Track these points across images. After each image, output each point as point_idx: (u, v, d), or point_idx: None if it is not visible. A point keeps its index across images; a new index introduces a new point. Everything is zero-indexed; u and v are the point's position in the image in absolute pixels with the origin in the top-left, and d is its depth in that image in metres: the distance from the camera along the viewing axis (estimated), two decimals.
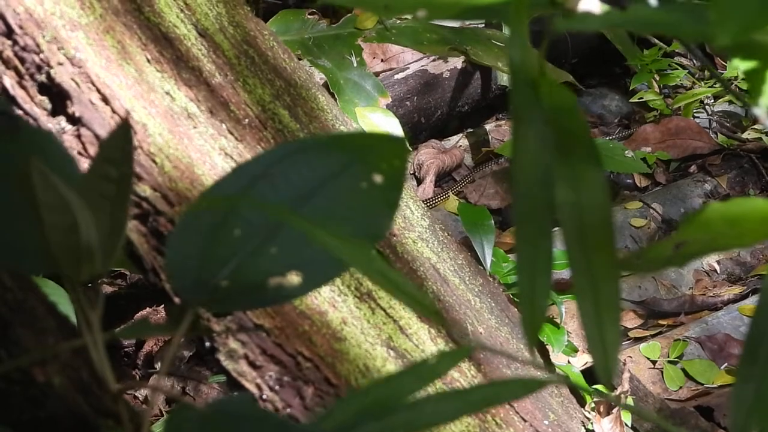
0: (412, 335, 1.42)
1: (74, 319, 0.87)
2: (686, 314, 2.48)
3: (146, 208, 1.21)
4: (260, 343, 1.23)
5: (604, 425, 1.87)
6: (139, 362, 2.34)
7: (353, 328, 1.32)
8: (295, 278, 0.74)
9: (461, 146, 3.12)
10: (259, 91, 1.44)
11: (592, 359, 0.67)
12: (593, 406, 1.87)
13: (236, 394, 1.15)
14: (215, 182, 0.78)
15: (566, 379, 1.93)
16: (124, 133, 0.71)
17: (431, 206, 2.83)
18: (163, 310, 2.28)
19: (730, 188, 2.93)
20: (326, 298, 1.31)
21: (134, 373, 2.31)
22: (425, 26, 2.81)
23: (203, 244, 0.75)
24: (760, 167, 2.99)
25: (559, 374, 1.95)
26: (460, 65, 3.10)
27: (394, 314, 1.40)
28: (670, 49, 3.24)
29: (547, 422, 1.63)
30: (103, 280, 0.76)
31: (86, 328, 0.72)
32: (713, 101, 3.23)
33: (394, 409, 0.64)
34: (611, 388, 1.94)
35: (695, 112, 3.19)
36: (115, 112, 1.22)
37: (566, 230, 0.64)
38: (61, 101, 1.21)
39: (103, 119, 1.21)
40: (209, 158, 1.28)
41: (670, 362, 2.27)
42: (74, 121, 1.21)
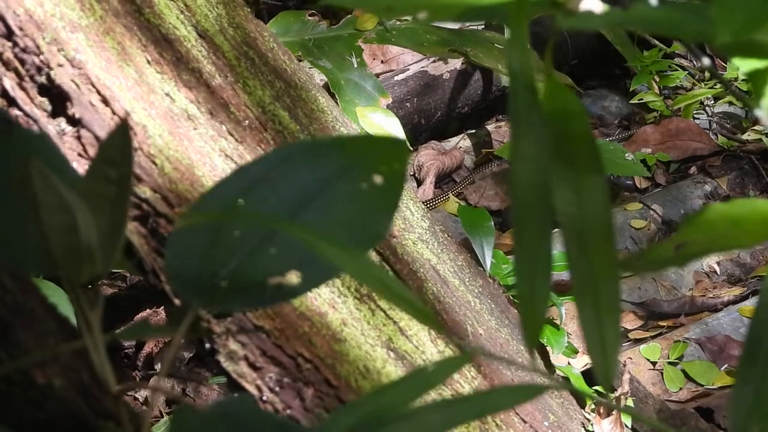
0: (412, 337, 1.42)
1: (74, 320, 0.87)
2: (686, 315, 2.48)
3: (146, 209, 1.21)
4: (260, 344, 1.23)
5: (604, 426, 1.87)
6: (139, 363, 2.34)
7: (353, 329, 1.32)
8: (294, 278, 0.74)
9: (461, 147, 3.12)
10: (259, 92, 1.44)
11: (591, 361, 0.67)
12: (593, 407, 1.87)
13: (237, 395, 1.15)
14: (216, 184, 0.78)
15: (566, 383, 1.93)
16: (123, 133, 0.71)
17: (431, 207, 2.83)
18: (163, 311, 2.28)
19: (730, 189, 2.93)
20: (326, 299, 1.31)
21: (134, 374, 2.31)
22: (425, 28, 2.81)
23: (203, 244, 0.75)
24: (760, 168, 2.99)
25: (559, 378, 1.95)
26: (460, 66, 3.10)
27: (394, 315, 1.40)
28: (670, 50, 3.24)
29: (547, 423, 1.63)
30: (102, 281, 0.75)
31: (86, 329, 0.72)
32: (713, 102, 3.23)
33: (395, 417, 0.64)
34: (611, 390, 1.94)
35: (695, 113, 3.19)
36: (115, 113, 1.22)
37: (566, 232, 0.64)
38: (61, 103, 1.21)
39: (103, 121, 1.21)
40: (209, 159, 1.28)
41: (670, 363, 2.27)
42: (74, 122, 1.21)
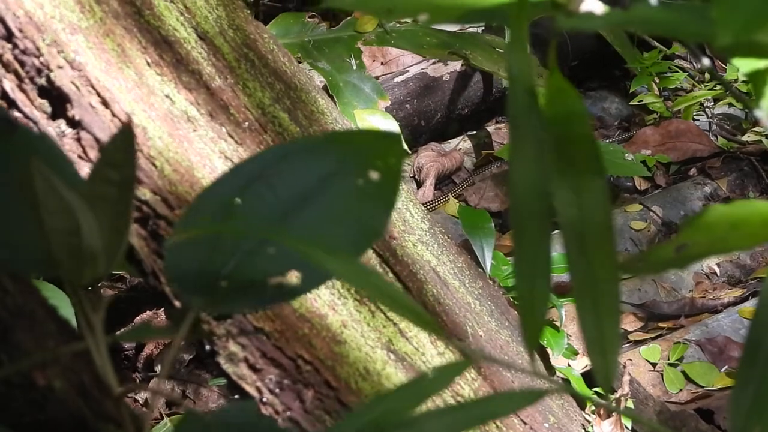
0: (412, 338, 1.42)
1: (75, 322, 0.87)
2: (686, 317, 2.48)
3: (146, 211, 1.21)
4: (260, 346, 1.23)
5: (604, 428, 1.87)
6: (139, 365, 2.34)
7: (353, 331, 1.32)
8: (294, 278, 0.74)
9: (461, 149, 3.12)
10: (258, 94, 1.44)
11: (591, 363, 0.67)
12: (593, 408, 1.87)
13: (239, 402, 1.15)
14: (212, 183, 0.77)
15: (567, 385, 1.93)
16: (126, 136, 0.70)
17: (431, 209, 2.83)
18: (163, 313, 2.28)
19: (730, 191, 2.93)
20: (326, 301, 1.31)
21: (134, 376, 2.31)
22: (425, 30, 2.81)
23: (202, 245, 0.75)
24: (760, 170, 2.99)
25: (559, 380, 1.95)
26: (460, 68, 3.10)
27: (394, 317, 1.40)
28: (670, 51, 3.24)
29: (547, 425, 1.63)
30: (102, 283, 0.75)
31: (89, 331, 0.72)
32: (713, 104, 3.23)
33: (398, 424, 0.64)
34: (611, 391, 1.94)
35: (695, 114, 3.19)
36: (115, 115, 1.22)
37: (566, 234, 0.64)
38: (61, 104, 1.21)
39: (103, 122, 1.21)
40: (209, 161, 1.28)
41: (670, 365, 2.27)
42: (74, 124, 1.21)
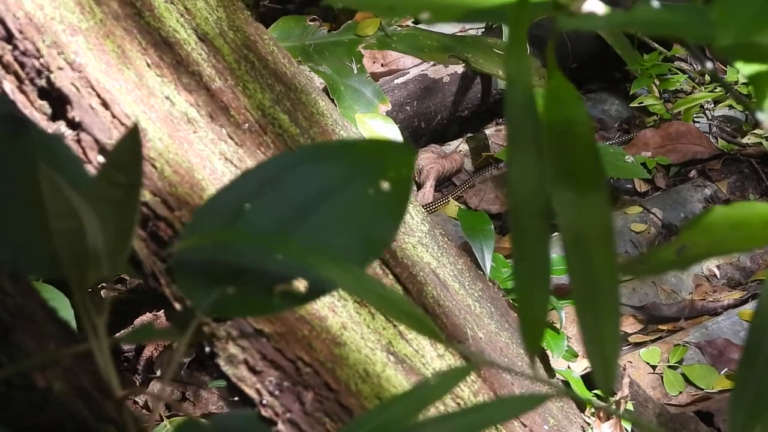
0: (412, 340, 1.42)
1: (74, 324, 0.87)
2: (686, 319, 2.48)
3: (146, 212, 1.20)
4: (260, 348, 1.22)
5: (604, 430, 1.86)
6: (139, 367, 2.33)
7: (353, 333, 1.32)
8: (300, 285, 0.74)
9: (461, 151, 3.12)
10: (259, 95, 1.44)
11: (591, 366, 0.67)
12: (593, 411, 1.87)
13: (238, 410, 1.15)
14: (223, 188, 0.77)
15: (567, 389, 1.93)
16: (133, 138, 0.70)
17: (431, 211, 2.83)
18: (163, 315, 2.27)
19: (730, 193, 2.93)
20: (326, 303, 1.31)
21: (134, 378, 2.31)
22: (426, 33, 2.81)
23: (210, 250, 0.75)
24: (760, 172, 2.99)
25: (559, 382, 1.95)
26: (460, 70, 3.10)
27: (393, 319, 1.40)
28: (670, 53, 3.24)
29: (547, 427, 1.63)
30: (102, 284, 0.75)
31: (92, 333, 0.71)
32: (713, 106, 3.23)
33: (401, 431, 0.64)
34: (611, 394, 1.94)
35: (695, 116, 3.19)
36: (115, 116, 1.22)
37: (566, 237, 0.64)
38: (61, 106, 1.21)
39: (103, 124, 1.21)
40: (209, 163, 1.28)
41: (670, 367, 2.27)
42: (74, 125, 1.21)
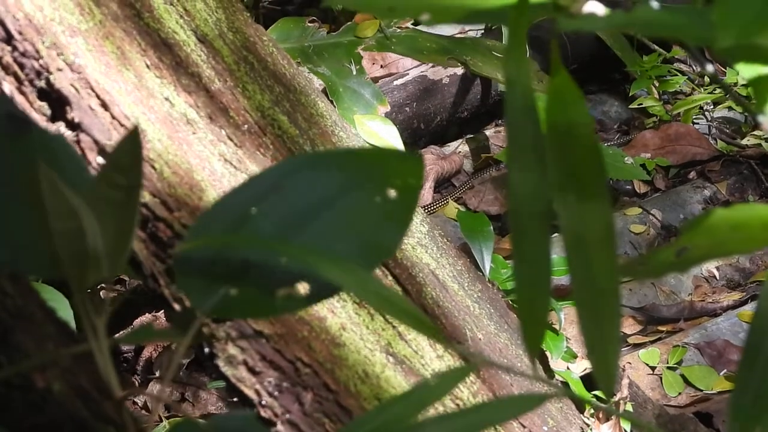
0: (411, 341, 1.42)
1: (73, 324, 0.87)
2: (685, 320, 2.48)
3: (145, 213, 1.20)
4: (259, 349, 1.22)
5: (603, 431, 1.86)
6: (138, 368, 2.33)
7: (352, 333, 1.32)
8: (302, 289, 0.74)
9: (460, 152, 3.12)
10: (258, 96, 1.44)
11: (592, 367, 0.67)
12: (592, 412, 1.87)
13: (237, 410, 1.15)
14: (228, 192, 0.77)
15: (566, 389, 1.93)
16: (133, 140, 0.70)
17: (430, 212, 2.83)
18: (162, 316, 2.27)
19: (729, 194, 2.93)
20: (325, 304, 1.31)
21: (133, 379, 2.31)
22: (425, 35, 2.81)
23: (213, 252, 0.75)
24: (759, 173, 2.99)
25: (558, 383, 1.95)
26: (459, 71, 3.10)
27: (393, 320, 1.40)
28: (669, 55, 3.24)
29: (546, 428, 1.63)
30: (102, 285, 0.75)
31: (92, 334, 0.71)
32: (713, 107, 3.23)
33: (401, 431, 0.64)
34: (610, 394, 1.94)
35: (695, 118, 3.19)
36: (114, 117, 1.22)
37: (567, 239, 0.64)
38: (60, 107, 1.21)
39: (102, 125, 1.21)
40: (208, 164, 1.28)
41: (669, 368, 2.27)
42: (73, 126, 1.21)
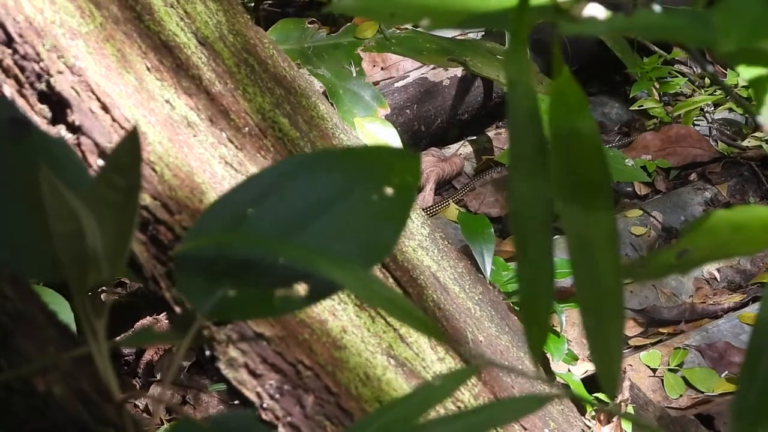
0: (412, 344, 1.42)
1: (74, 327, 0.87)
2: (686, 322, 2.48)
3: (146, 216, 1.20)
4: (260, 351, 1.22)
5: None
6: (139, 371, 2.33)
7: (353, 336, 1.32)
8: (300, 289, 0.74)
9: (461, 154, 3.12)
10: (259, 99, 1.44)
11: (596, 369, 0.67)
12: (593, 414, 1.87)
13: (238, 409, 1.15)
14: (226, 193, 0.77)
15: (569, 390, 1.93)
16: (132, 141, 0.70)
17: (431, 214, 2.83)
18: (163, 318, 2.27)
19: (730, 196, 2.93)
20: (326, 306, 1.31)
21: (134, 381, 2.31)
22: (425, 36, 2.81)
23: (211, 253, 0.75)
24: (760, 175, 2.99)
25: (559, 385, 1.95)
26: (460, 73, 3.10)
27: (394, 323, 1.40)
28: (670, 56, 3.24)
29: (547, 430, 1.63)
30: (102, 288, 0.75)
31: (91, 336, 0.71)
32: (713, 109, 3.23)
33: None
34: (614, 397, 1.94)
35: (695, 119, 3.19)
36: (115, 120, 1.22)
37: (571, 242, 0.64)
38: (61, 110, 1.21)
39: (103, 128, 1.21)
40: (209, 166, 1.28)
41: (670, 370, 2.27)
42: (74, 129, 1.21)
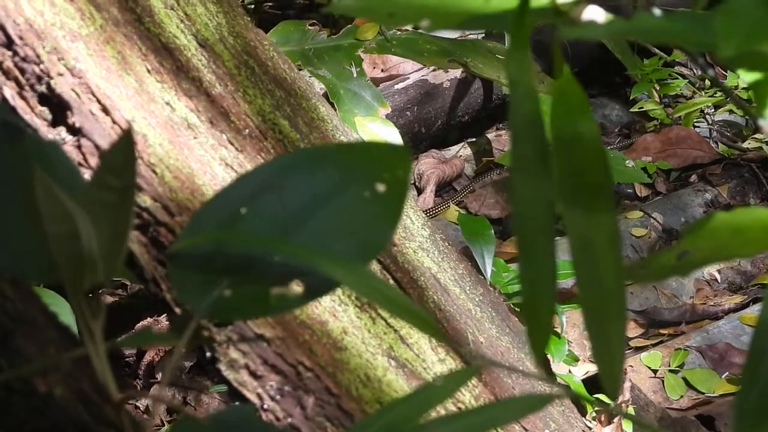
0: (412, 345, 1.42)
1: (75, 328, 0.87)
2: (687, 323, 2.48)
3: (147, 218, 1.20)
4: (261, 352, 1.22)
5: None
6: (140, 372, 2.33)
7: (354, 337, 1.32)
8: (297, 288, 0.74)
9: (462, 156, 3.12)
10: (259, 101, 1.44)
11: (598, 370, 0.67)
12: (594, 415, 1.87)
13: (238, 405, 1.15)
14: (220, 191, 0.77)
15: (568, 390, 1.93)
16: (126, 142, 0.71)
17: (432, 216, 2.83)
18: (163, 320, 2.27)
19: (730, 198, 2.93)
20: (327, 307, 1.31)
21: (135, 383, 2.31)
22: (425, 37, 2.81)
23: (207, 253, 0.75)
24: (760, 176, 2.99)
25: (561, 386, 1.95)
26: (460, 75, 3.10)
27: (394, 324, 1.40)
28: (670, 58, 3.24)
29: (548, 431, 1.63)
30: (103, 289, 0.75)
31: (89, 337, 0.72)
32: (714, 111, 3.23)
33: None
34: (616, 397, 1.94)
35: (695, 121, 3.19)
36: (115, 122, 1.22)
37: (573, 243, 0.64)
38: (61, 112, 1.21)
39: (103, 130, 1.21)
40: (210, 168, 1.28)
41: (671, 371, 2.27)
42: (74, 131, 1.21)
